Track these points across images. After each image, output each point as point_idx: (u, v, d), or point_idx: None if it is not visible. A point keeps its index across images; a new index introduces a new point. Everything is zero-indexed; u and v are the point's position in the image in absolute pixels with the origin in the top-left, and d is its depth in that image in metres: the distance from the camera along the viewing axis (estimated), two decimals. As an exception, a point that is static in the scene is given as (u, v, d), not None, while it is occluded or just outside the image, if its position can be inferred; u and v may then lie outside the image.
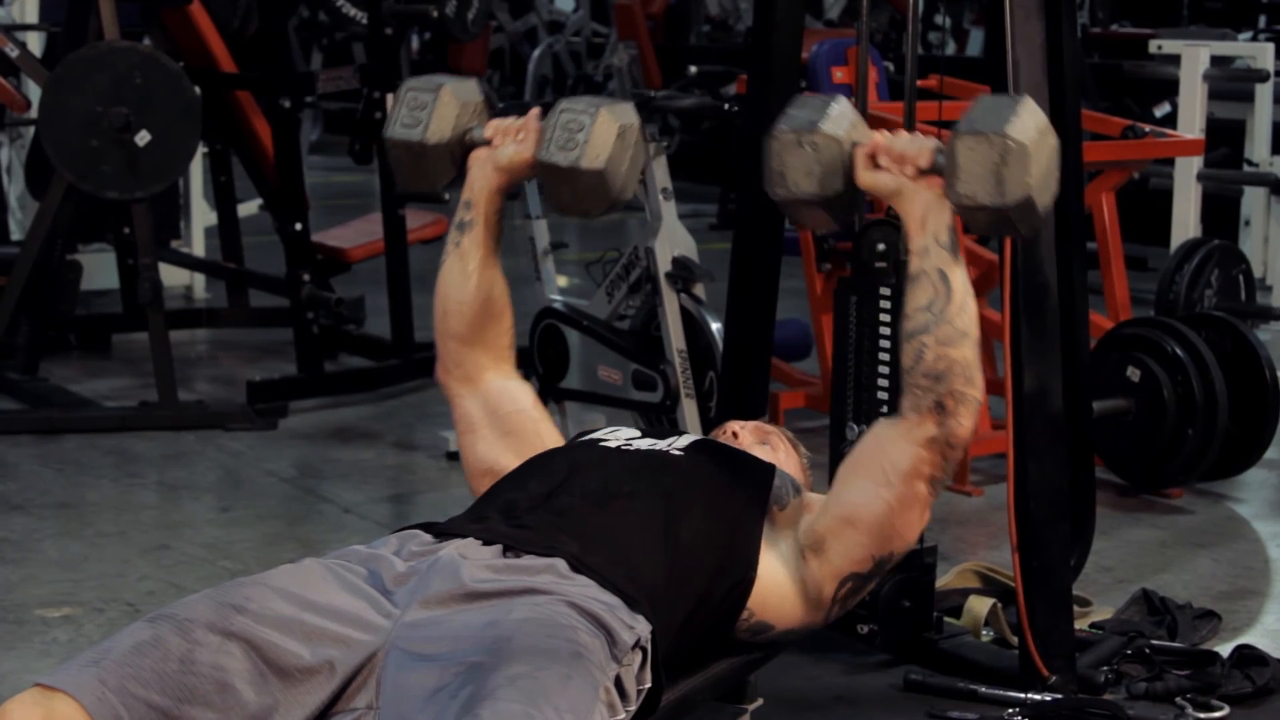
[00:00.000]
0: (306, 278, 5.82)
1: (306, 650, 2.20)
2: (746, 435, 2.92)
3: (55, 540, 4.40)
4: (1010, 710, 3.32)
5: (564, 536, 2.42)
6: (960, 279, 2.51)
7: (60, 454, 5.20)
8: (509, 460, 2.77)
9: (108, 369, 6.39)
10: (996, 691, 3.38)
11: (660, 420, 4.86)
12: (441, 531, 2.47)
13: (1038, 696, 3.34)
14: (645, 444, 2.70)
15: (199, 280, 7.66)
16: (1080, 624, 3.75)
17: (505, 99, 11.91)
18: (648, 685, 2.31)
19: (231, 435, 5.42)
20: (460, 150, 2.80)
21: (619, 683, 2.24)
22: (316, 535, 4.45)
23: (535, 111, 2.75)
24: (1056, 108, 3.55)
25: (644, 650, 2.32)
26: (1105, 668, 3.50)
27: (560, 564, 2.36)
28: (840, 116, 2.54)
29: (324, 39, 12.66)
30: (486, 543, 2.40)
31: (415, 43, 13.79)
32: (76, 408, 5.64)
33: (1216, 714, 3.36)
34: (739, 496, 2.63)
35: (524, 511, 2.48)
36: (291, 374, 5.89)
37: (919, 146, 2.50)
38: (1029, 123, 2.44)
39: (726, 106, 4.97)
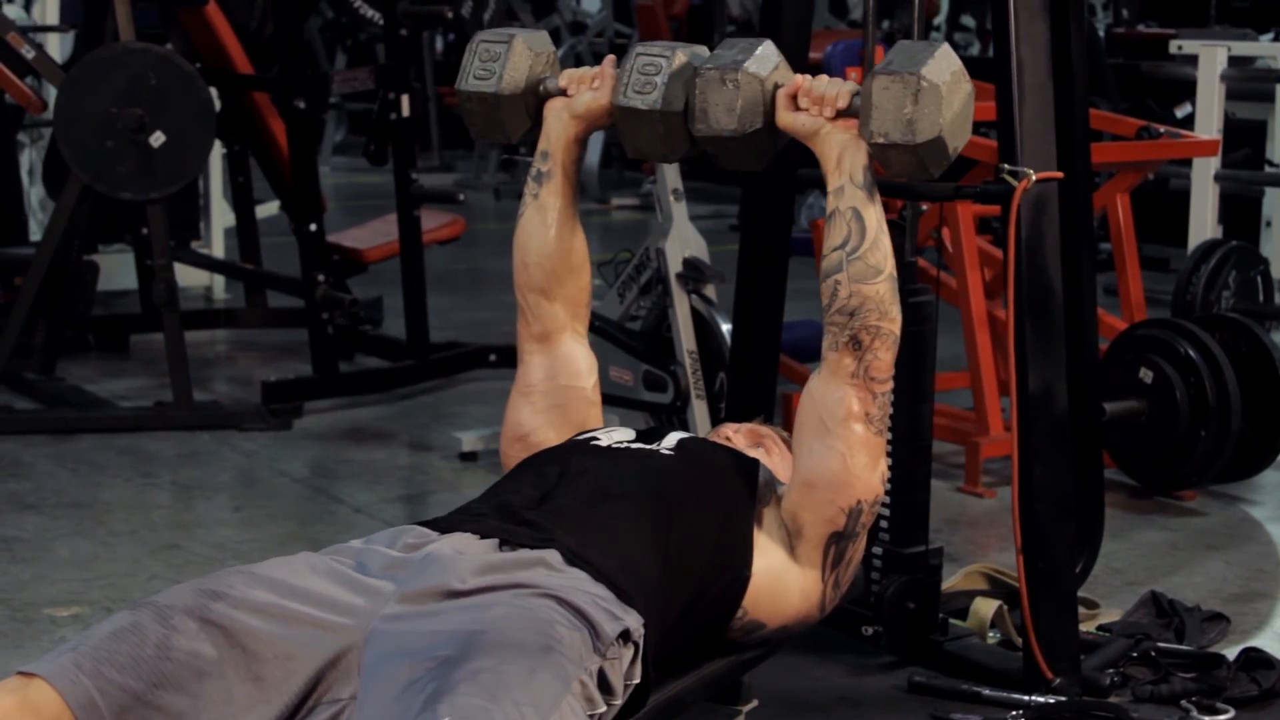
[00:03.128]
0: (322, 278, 5.83)
1: (284, 634, 2.21)
2: (740, 439, 2.91)
3: (67, 539, 4.42)
4: (1014, 713, 3.32)
5: (560, 531, 2.41)
6: (874, 217, 2.55)
7: (75, 454, 5.22)
8: (546, 435, 2.79)
9: (126, 369, 6.42)
10: (1000, 694, 3.38)
11: (671, 421, 4.86)
12: (437, 525, 2.47)
13: (1041, 699, 3.34)
14: (636, 445, 2.70)
15: (219, 281, 7.69)
16: (1088, 626, 3.75)
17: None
18: (636, 680, 2.30)
19: (246, 435, 5.44)
20: (535, 101, 2.78)
21: (602, 676, 2.23)
22: (327, 535, 4.45)
23: (610, 59, 2.75)
24: (1063, 108, 3.55)
25: (635, 644, 2.31)
26: (1111, 670, 3.49)
27: (553, 555, 2.36)
28: (764, 58, 2.58)
29: (348, 40, 12.69)
30: (482, 537, 2.40)
31: (440, 44, 13.82)
32: (92, 408, 5.67)
33: (1221, 717, 3.36)
34: (729, 494, 2.63)
35: (521, 509, 2.48)
36: (307, 374, 5.90)
37: (837, 89, 2.54)
38: (943, 65, 2.48)
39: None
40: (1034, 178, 3.32)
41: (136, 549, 4.35)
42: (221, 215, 7.64)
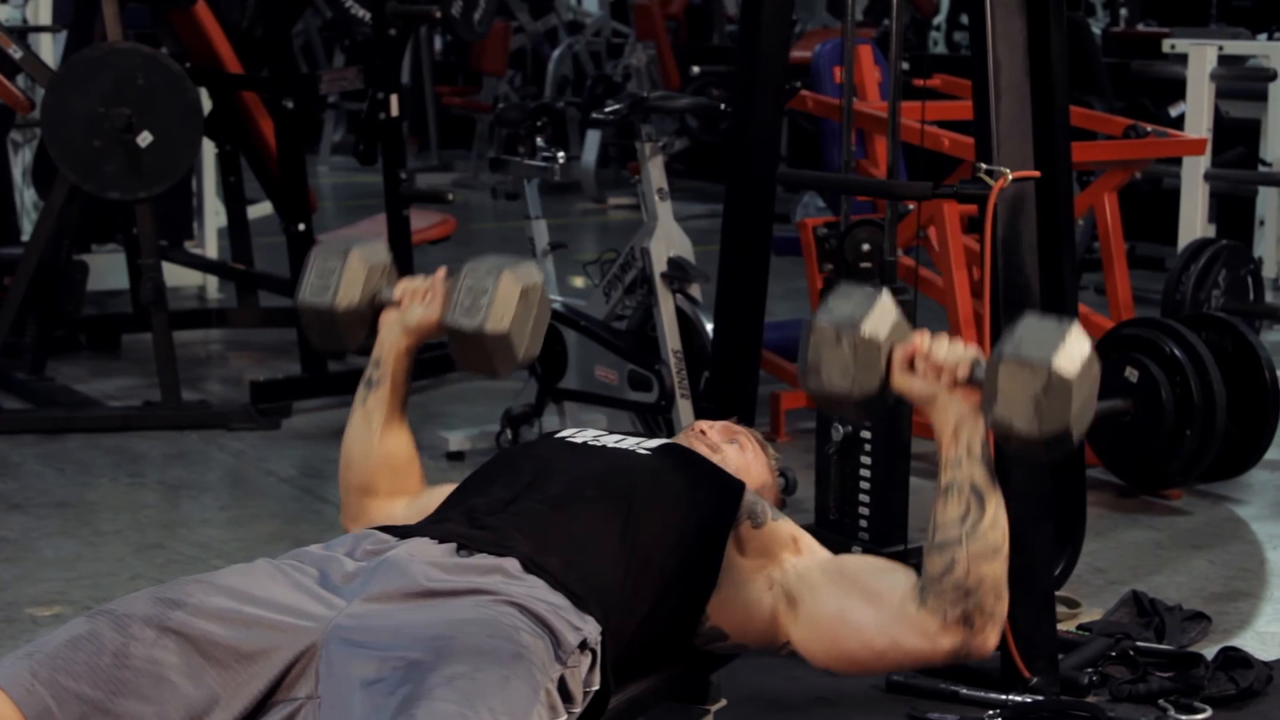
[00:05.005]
0: (310, 278, 5.83)
1: (243, 638, 2.21)
2: (715, 433, 2.91)
3: (51, 539, 4.43)
4: (991, 712, 3.32)
5: (520, 537, 2.41)
6: (994, 493, 2.45)
7: (63, 453, 5.22)
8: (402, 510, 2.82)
9: (117, 369, 6.42)
10: (977, 693, 3.37)
11: (656, 421, 4.86)
12: (397, 531, 2.47)
13: (1018, 698, 3.34)
14: (613, 440, 2.70)
15: (212, 280, 7.69)
16: (1068, 625, 3.75)
17: (527, 99, 11.92)
18: (595, 688, 2.31)
19: (234, 435, 5.44)
20: (370, 312, 2.83)
21: (563, 684, 2.23)
22: (312, 535, 4.45)
23: (441, 272, 2.77)
24: (1043, 107, 3.54)
25: (593, 652, 2.31)
26: (1089, 669, 3.49)
27: (511, 564, 2.36)
28: (882, 315, 2.48)
29: (346, 40, 12.70)
30: (440, 541, 2.40)
31: (439, 43, 13.83)
32: (80, 407, 5.67)
33: (1199, 716, 3.35)
34: (704, 502, 2.61)
35: (484, 514, 2.48)
36: (296, 374, 5.90)
37: (957, 357, 2.45)
38: (1075, 354, 2.37)
39: (723, 107, 4.96)
40: (1010, 177, 3.32)
41: (121, 549, 4.35)
42: (215, 215, 7.65)
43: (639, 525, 2.50)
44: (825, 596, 2.54)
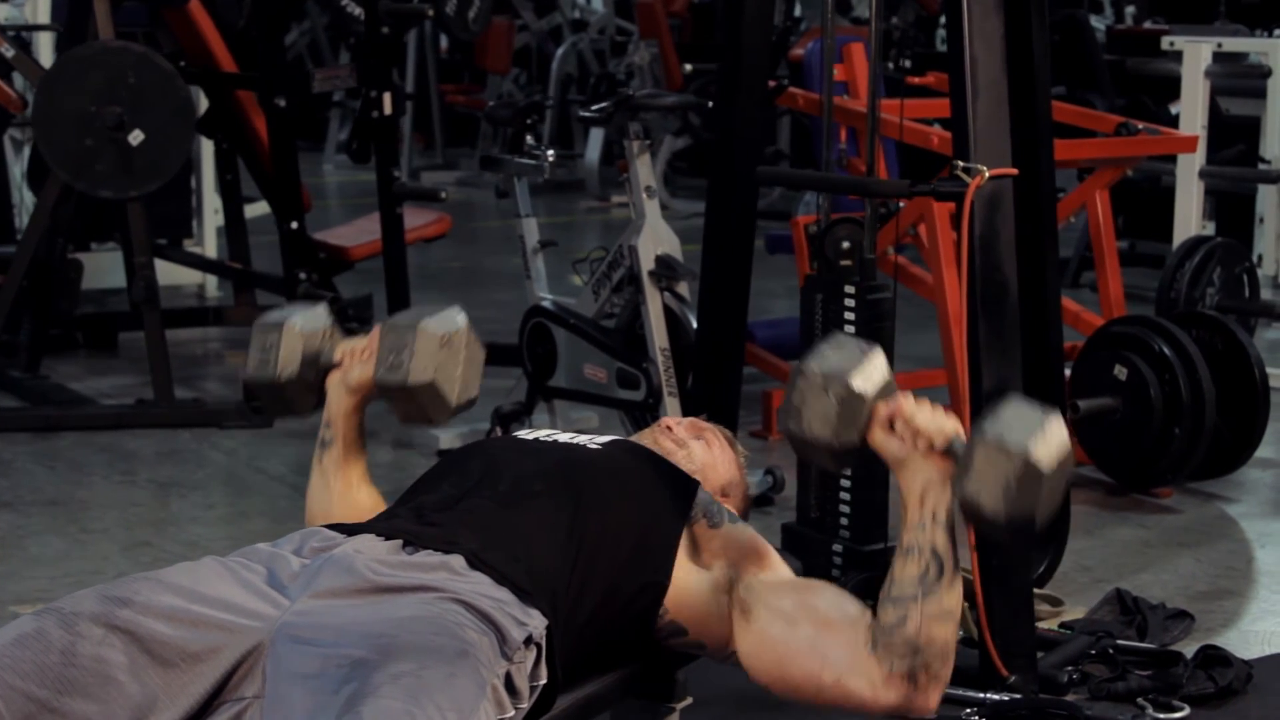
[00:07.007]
0: (303, 276, 5.84)
1: (190, 638, 2.22)
2: (681, 429, 2.91)
3: (39, 537, 4.44)
4: (968, 710, 3.31)
5: (466, 533, 2.42)
6: (954, 561, 2.48)
7: (55, 451, 5.23)
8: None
9: (113, 367, 6.43)
10: (955, 691, 3.35)
11: (644, 418, 4.86)
12: (344, 528, 2.48)
13: (996, 696, 3.33)
14: (564, 437, 2.70)
15: (211, 279, 7.70)
16: (1050, 624, 3.74)
17: (531, 97, 11.93)
18: (542, 681, 2.31)
19: (226, 433, 5.45)
20: (315, 377, 2.87)
21: (509, 680, 2.24)
22: (299, 533, 4.46)
23: (377, 330, 2.79)
24: (1024, 104, 3.53)
25: (538, 646, 2.31)
26: (1070, 668, 3.48)
27: (456, 560, 2.37)
28: (873, 372, 2.50)
29: (351, 38, 12.71)
30: (387, 538, 2.41)
31: (445, 41, 13.82)
32: (73, 405, 5.68)
33: (1177, 714, 3.35)
34: (654, 494, 2.61)
35: (432, 510, 2.49)
36: (290, 372, 5.90)
37: (937, 427, 2.46)
38: (1053, 446, 2.40)
39: (710, 104, 4.96)
40: (987, 174, 3.31)
41: (108, 547, 4.36)
42: (214, 214, 7.65)
43: (586, 518, 2.51)
44: (780, 615, 2.54)
